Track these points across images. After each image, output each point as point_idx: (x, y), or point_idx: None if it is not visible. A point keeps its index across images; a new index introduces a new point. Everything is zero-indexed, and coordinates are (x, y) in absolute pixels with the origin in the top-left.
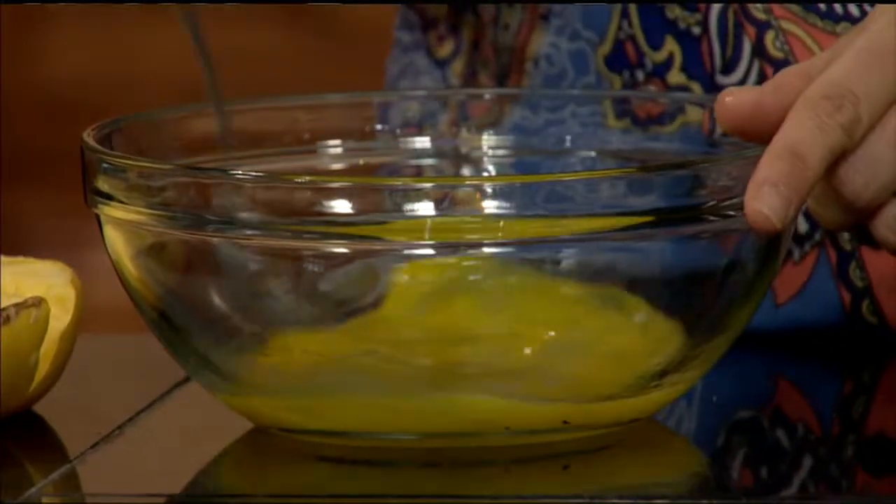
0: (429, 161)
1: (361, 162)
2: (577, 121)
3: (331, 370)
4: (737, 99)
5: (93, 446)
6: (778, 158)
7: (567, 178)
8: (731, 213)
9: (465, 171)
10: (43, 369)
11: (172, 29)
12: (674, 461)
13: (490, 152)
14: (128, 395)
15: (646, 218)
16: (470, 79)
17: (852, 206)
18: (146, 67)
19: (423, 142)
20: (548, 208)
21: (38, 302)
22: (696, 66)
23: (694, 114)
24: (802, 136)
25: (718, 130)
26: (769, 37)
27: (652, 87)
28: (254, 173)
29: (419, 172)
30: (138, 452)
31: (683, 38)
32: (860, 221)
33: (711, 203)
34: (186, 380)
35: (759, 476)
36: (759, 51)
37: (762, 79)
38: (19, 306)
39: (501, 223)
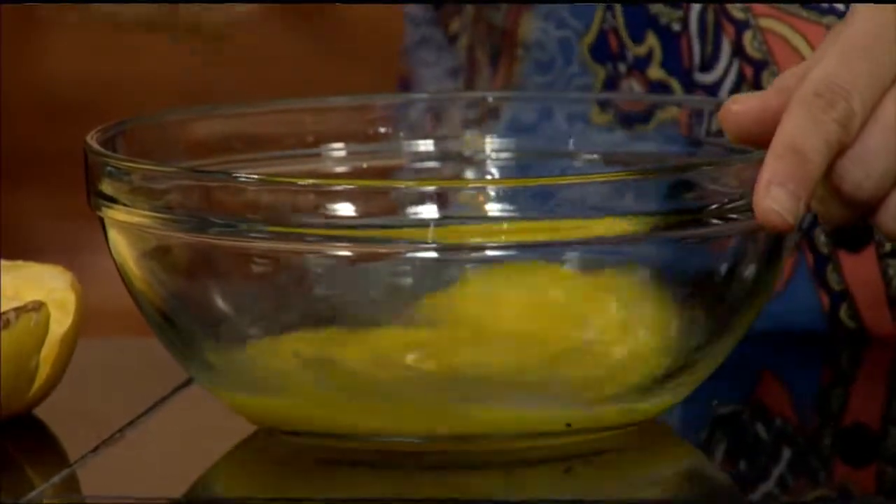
0: (432, 164)
1: (365, 165)
2: (565, 111)
3: (336, 373)
4: (742, 106)
5: (93, 450)
6: (779, 158)
7: (571, 182)
8: (736, 216)
9: (469, 174)
10: (43, 373)
11: (173, 30)
12: (677, 464)
13: (493, 155)
14: (128, 398)
15: (650, 221)
16: (470, 56)
17: (854, 201)
18: (147, 69)
19: (426, 144)
20: (552, 211)
21: (39, 306)
22: (674, 63)
23: (673, 110)
24: (799, 133)
25: (699, 133)
26: (747, 37)
27: (633, 81)
28: (258, 176)
29: (423, 175)
30: (139, 456)
31: (664, 33)
32: (864, 216)
33: (716, 206)
34: (187, 383)
35: (761, 478)
36: (737, 50)
37: (740, 78)
38: (19, 310)
39: (505, 226)
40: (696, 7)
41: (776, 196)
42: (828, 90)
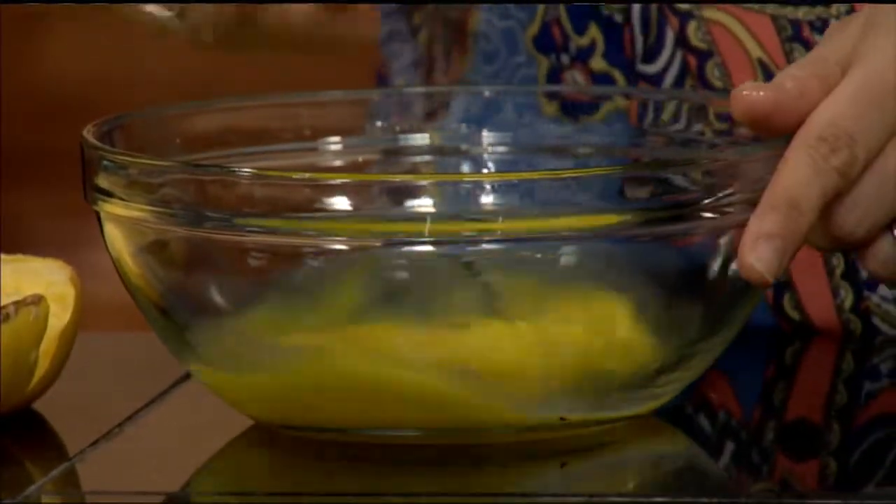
0: (428, 158)
1: (361, 159)
2: (513, 101)
3: (332, 367)
4: (755, 97)
5: (92, 444)
6: (774, 209)
7: (567, 175)
8: (729, 209)
9: (464, 168)
10: (42, 367)
11: (172, 27)
12: (671, 458)
13: (489, 149)
14: (127, 393)
15: (643, 215)
16: (428, 49)
17: (843, 242)
18: (146, 66)
19: (422, 138)
20: (547, 205)
21: (38, 300)
22: (617, 54)
23: (621, 101)
24: (798, 182)
25: (643, 123)
26: (691, 27)
27: (575, 72)
28: (254, 170)
29: (417, 169)
30: (138, 450)
31: (606, 24)
32: (848, 250)
33: (710, 200)
34: (186, 377)
35: (758, 473)
36: (681, 41)
37: (684, 69)
38: (19, 304)
39: (500, 219)
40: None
41: (762, 253)
42: (833, 135)
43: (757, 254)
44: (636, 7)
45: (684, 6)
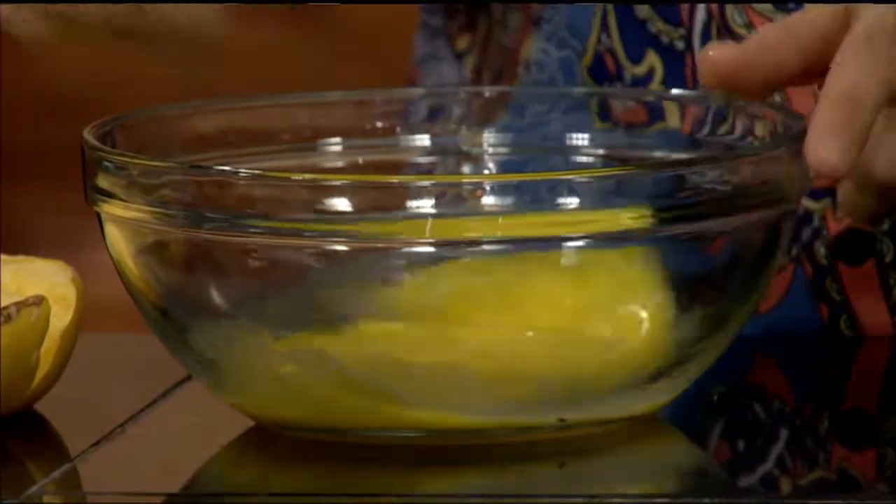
0: (430, 159)
1: (361, 160)
2: (564, 113)
3: (331, 368)
4: (720, 55)
5: (94, 445)
6: (835, 106)
7: (568, 177)
8: (730, 211)
9: (466, 169)
10: (44, 368)
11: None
12: (670, 459)
13: (491, 150)
14: (129, 393)
15: (646, 216)
16: (477, 76)
17: (885, 188)
18: (147, 65)
19: (423, 140)
20: (547, 206)
21: (39, 300)
22: (677, 81)
23: (674, 120)
24: (857, 78)
25: (699, 134)
26: None
27: (633, 103)
28: (253, 171)
29: (420, 170)
30: (139, 451)
31: (666, 52)
32: (890, 211)
33: (711, 202)
34: (188, 378)
35: (758, 473)
36: None
37: None
38: (20, 305)
39: (501, 221)
40: (698, 24)
41: (829, 143)
42: (878, 35)
43: (825, 144)
44: (697, 33)
45: (742, 30)
